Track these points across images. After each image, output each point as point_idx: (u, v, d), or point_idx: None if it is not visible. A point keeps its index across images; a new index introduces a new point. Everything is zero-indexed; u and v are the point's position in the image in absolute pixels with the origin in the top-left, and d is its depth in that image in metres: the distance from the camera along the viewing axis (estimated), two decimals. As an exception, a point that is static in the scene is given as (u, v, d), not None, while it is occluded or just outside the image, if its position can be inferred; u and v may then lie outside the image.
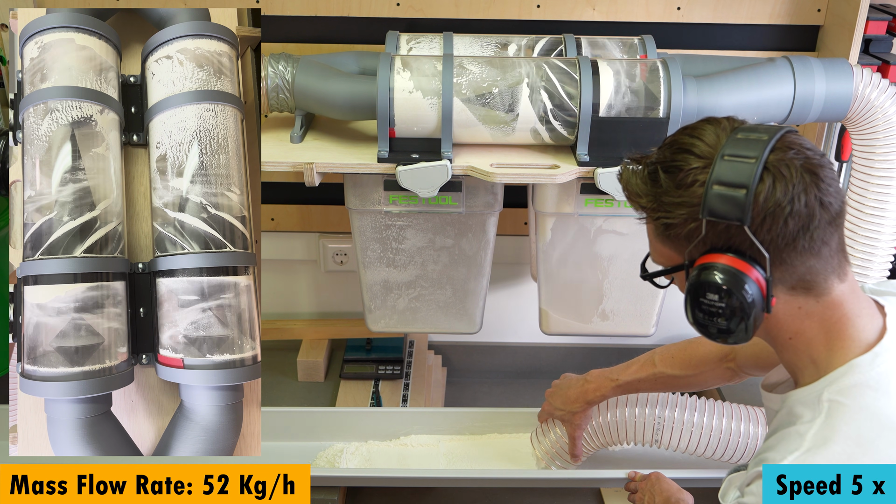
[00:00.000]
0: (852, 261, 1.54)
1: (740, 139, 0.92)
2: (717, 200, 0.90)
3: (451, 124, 1.43)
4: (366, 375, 1.93)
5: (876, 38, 1.64)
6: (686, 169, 0.93)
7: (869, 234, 1.53)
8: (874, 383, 0.92)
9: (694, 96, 1.43)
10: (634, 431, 1.49)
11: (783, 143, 0.91)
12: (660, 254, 1.01)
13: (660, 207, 0.95)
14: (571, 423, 1.49)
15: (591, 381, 1.46)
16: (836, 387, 0.94)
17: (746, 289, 0.91)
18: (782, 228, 0.90)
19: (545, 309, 1.70)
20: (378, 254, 1.64)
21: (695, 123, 0.98)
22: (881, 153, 1.48)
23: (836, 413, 0.92)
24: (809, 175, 0.90)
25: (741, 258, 0.92)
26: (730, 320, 0.93)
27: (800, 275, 0.93)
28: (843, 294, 0.95)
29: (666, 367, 1.39)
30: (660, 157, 0.97)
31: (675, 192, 0.94)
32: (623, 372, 1.44)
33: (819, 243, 0.91)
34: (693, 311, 0.95)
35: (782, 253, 0.91)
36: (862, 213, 1.53)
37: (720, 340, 0.96)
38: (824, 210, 0.90)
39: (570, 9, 1.69)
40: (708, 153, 0.93)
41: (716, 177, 0.90)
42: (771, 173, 0.89)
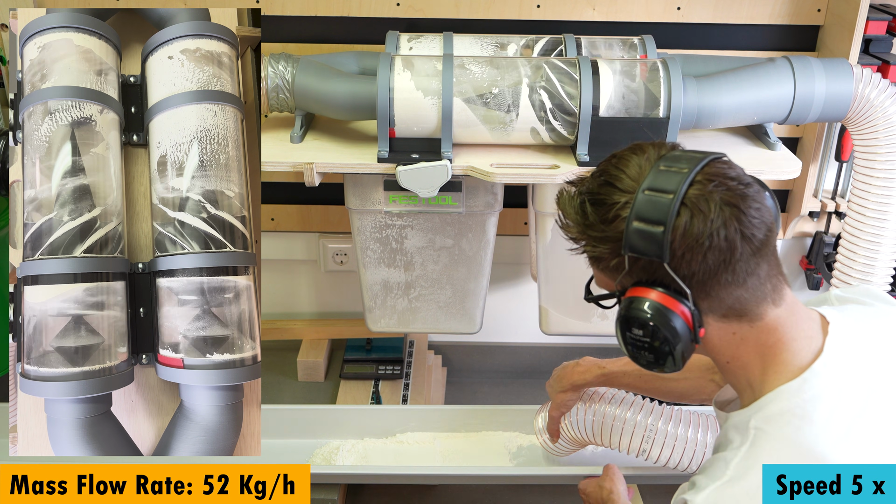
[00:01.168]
0: (855, 262, 1.55)
1: (662, 171, 0.91)
2: (637, 237, 0.90)
3: (451, 124, 1.43)
4: (366, 375, 1.93)
5: (876, 38, 1.64)
6: (609, 203, 0.93)
7: (872, 235, 1.52)
8: (800, 411, 0.91)
9: (694, 96, 1.43)
10: (620, 437, 1.44)
11: (704, 176, 0.90)
12: (598, 279, 1.02)
13: (588, 241, 0.96)
14: (553, 402, 1.49)
15: (581, 365, 1.45)
16: (763, 414, 0.93)
17: (672, 323, 0.91)
18: (702, 263, 0.89)
19: (545, 309, 1.70)
20: (378, 254, 1.64)
21: (622, 151, 0.97)
22: (882, 153, 1.48)
23: (759, 442, 0.92)
24: (730, 208, 0.89)
25: (667, 292, 0.91)
26: (658, 353, 0.93)
27: (728, 305, 0.93)
28: (779, 318, 0.94)
29: None
30: (589, 187, 0.97)
31: (599, 226, 0.94)
32: (612, 362, 1.43)
33: (743, 275, 0.91)
34: (624, 343, 0.96)
35: (706, 286, 0.91)
36: (864, 214, 1.52)
37: (654, 370, 0.96)
38: (746, 242, 0.89)
39: (570, 9, 1.69)
40: (630, 187, 0.92)
41: (636, 212, 0.90)
42: (688, 209, 0.89)
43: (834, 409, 0.92)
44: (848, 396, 0.93)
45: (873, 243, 1.52)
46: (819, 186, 1.78)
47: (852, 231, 1.54)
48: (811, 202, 1.80)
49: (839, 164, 1.76)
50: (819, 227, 1.87)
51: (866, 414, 0.93)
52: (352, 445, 1.64)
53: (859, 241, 1.54)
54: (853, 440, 0.92)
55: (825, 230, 1.84)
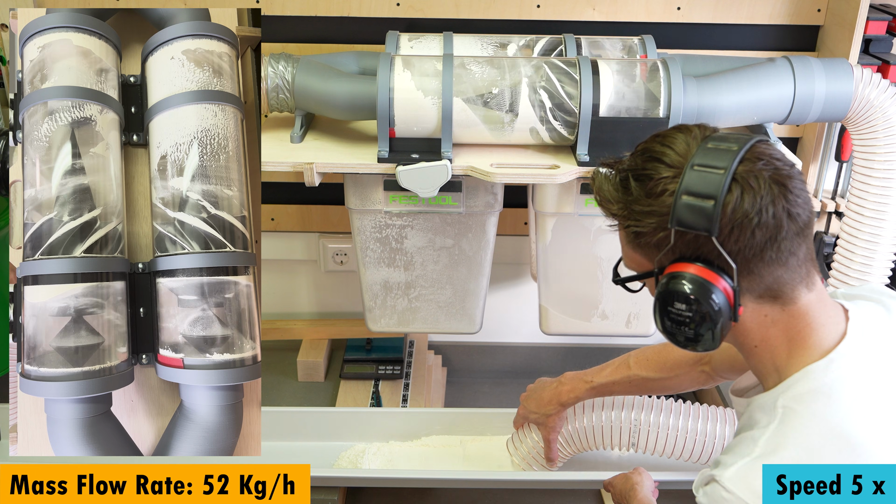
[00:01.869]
0: (853, 262, 1.55)
1: (710, 149, 0.92)
2: (686, 211, 0.91)
3: (451, 124, 1.43)
4: (366, 375, 1.93)
5: (876, 38, 1.64)
6: (656, 178, 0.94)
7: (870, 235, 1.52)
8: (827, 389, 0.92)
9: (694, 96, 1.43)
10: (611, 436, 1.48)
11: (752, 154, 0.92)
12: (631, 259, 1.02)
13: (630, 216, 0.96)
14: (546, 426, 1.48)
15: (565, 383, 1.45)
16: (791, 393, 0.94)
17: (714, 298, 0.91)
18: (750, 239, 0.90)
19: (545, 309, 1.70)
20: (378, 254, 1.64)
21: (666, 131, 0.98)
22: (881, 153, 1.48)
23: (788, 420, 0.93)
24: (778, 186, 0.90)
25: (709, 268, 0.92)
26: (697, 329, 0.94)
27: (767, 284, 0.94)
28: (810, 303, 0.96)
29: (641, 370, 1.39)
30: (631, 164, 0.97)
31: (644, 200, 0.94)
32: (598, 374, 1.43)
33: (787, 254, 0.92)
34: (662, 319, 0.96)
35: (750, 263, 0.92)
36: (862, 214, 1.52)
37: (689, 348, 0.97)
38: (792, 221, 0.91)
39: (570, 9, 1.69)
40: (678, 162, 0.93)
41: (685, 187, 0.91)
42: (739, 184, 0.90)
43: (860, 390, 0.93)
44: (872, 379, 0.94)
45: (871, 243, 1.53)
46: (819, 186, 1.78)
47: (850, 231, 1.55)
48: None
49: (839, 164, 1.76)
50: (819, 227, 1.87)
51: (890, 396, 0.94)
52: (377, 448, 1.63)
53: (857, 241, 1.54)
54: (880, 420, 0.92)
55: (825, 230, 1.84)
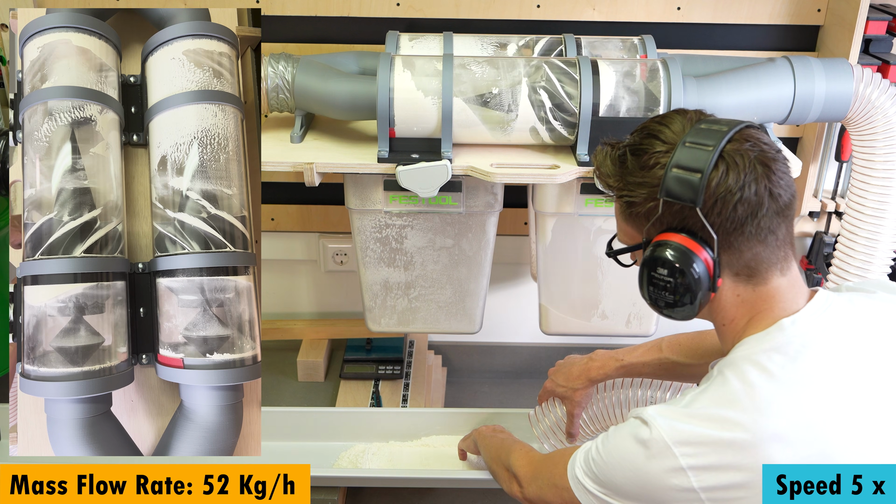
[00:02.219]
0: (853, 260, 1.55)
1: (702, 129, 0.99)
2: (674, 182, 0.97)
3: (451, 124, 1.43)
4: (366, 375, 1.93)
5: (876, 38, 1.64)
6: (651, 152, 1.01)
7: (869, 234, 1.52)
8: (755, 357, 0.97)
9: (694, 96, 1.43)
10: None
11: (741, 136, 0.98)
12: (624, 232, 1.09)
13: (624, 186, 1.04)
14: (572, 401, 1.48)
15: (596, 360, 1.46)
16: (726, 360, 1.00)
17: (695, 266, 0.97)
18: (731, 213, 0.96)
19: (545, 308, 1.70)
20: (378, 254, 1.64)
21: (666, 113, 1.06)
22: (881, 153, 1.48)
23: (715, 380, 0.98)
24: (762, 166, 0.96)
25: (693, 238, 0.98)
26: (676, 294, 1.00)
27: (745, 260, 0.99)
28: (780, 287, 1.00)
29: (672, 354, 1.40)
30: (630, 141, 1.05)
31: (638, 172, 1.02)
32: (629, 353, 1.44)
33: (765, 231, 0.97)
34: (646, 284, 1.03)
35: (730, 237, 0.97)
36: (862, 213, 1.52)
37: (667, 314, 1.04)
38: (773, 200, 0.97)
39: (570, 9, 1.69)
40: (672, 139, 1.01)
41: (675, 161, 0.98)
42: (725, 161, 0.96)
43: (790, 361, 0.96)
44: (810, 356, 0.96)
45: (870, 241, 1.53)
46: (819, 186, 1.78)
47: (850, 229, 1.55)
48: (811, 202, 1.80)
49: (839, 164, 1.76)
50: (819, 227, 1.87)
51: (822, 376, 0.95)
52: (377, 448, 1.63)
53: (857, 240, 1.54)
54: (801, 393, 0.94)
55: (825, 230, 1.84)
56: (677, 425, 0.95)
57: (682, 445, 0.94)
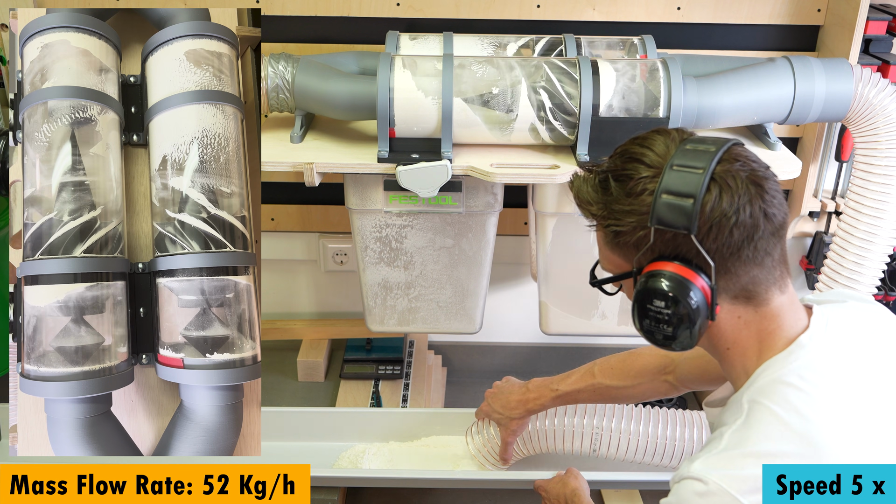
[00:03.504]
0: (845, 261, 1.55)
1: (689, 150, 0.94)
2: (666, 209, 0.92)
3: (451, 124, 1.43)
4: (366, 375, 1.93)
5: (876, 38, 1.64)
6: (636, 178, 0.95)
7: (865, 234, 1.52)
8: (788, 378, 0.94)
9: (694, 96, 1.43)
10: (573, 441, 1.49)
11: (730, 155, 0.94)
12: (609, 261, 1.03)
13: (610, 215, 0.97)
14: (507, 429, 1.50)
15: (532, 391, 1.47)
16: (754, 388, 0.96)
17: (692, 296, 0.93)
18: (727, 238, 0.92)
19: (545, 306, 1.70)
20: (378, 254, 1.64)
21: (645, 134, 0.99)
22: (882, 153, 1.48)
23: (753, 412, 0.94)
24: (754, 186, 0.92)
25: (687, 266, 0.93)
26: (675, 327, 0.95)
27: (742, 284, 0.95)
28: (782, 305, 0.97)
29: (605, 378, 1.41)
30: (610, 165, 0.99)
31: (625, 200, 0.96)
32: (563, 382, 1.45)
33: (762, 253, 0.94)
34: (640, 317, 0.97)
35: (727, 262, 0.93)
36: (860, 212, 1.52)
37: (666, 347, 0.97)
38: (768, 221, 0.93)
39: (570, 9, 1.69)
40: (657, 163, 0.95)
41: (664, 186, 0.92)
42: (717, 184, 0.91)
43: (821, 377, 0.94)
44: (833, 367, 0.95)
45: (865, 241, 1.53)
46: (819, 186, 1.78)
47: (846, 228, 1.55)
48: (811, 202, 1.80)
49: (839, 164, 1.76)
50: (819, 227, 1.87)
51: (851, 384, 0.95)
52: (377, 448, 1.63)
53: (852, 239, 1.54)
54: (839, 407, 0.93)
55: (825, 230, 1.84)
56: (733, 472, 0.90)
57: (747, 494, 0.89)
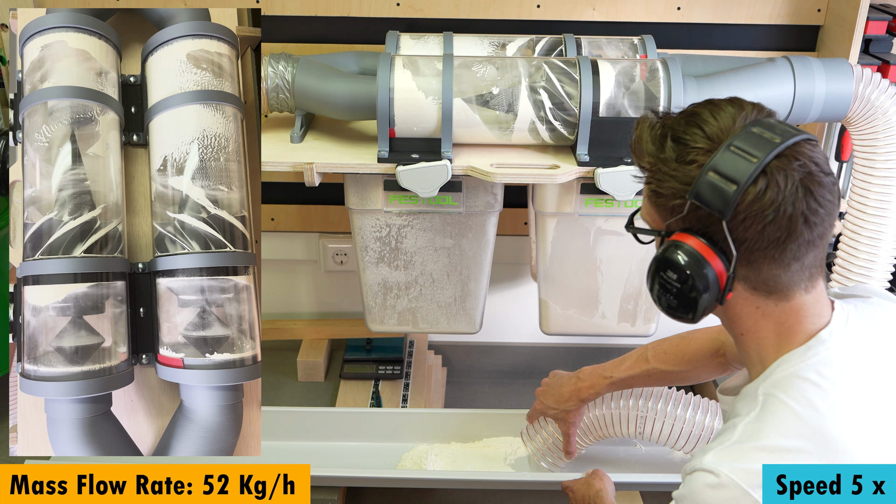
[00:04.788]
0: (855, 260, 1.55)
1: (754, 133, 0.90)
2: (707, 188, 0.89)
3: (451, 124, 1.43)
4: (366, 375, 1.93)
5: (876, 38, 1.64)
6: (691, 146, 0.92)
7: (872, 234, 1.52)
8: (805, 374, 0.93)
9: (694, 96, 1.43)
10: (622, 424, 1.49)
11: (792, 151, 0.89)
12: (647, 212, 1.01)
13: (656, 174, 0.95)
14: (566, 422, 1.49)
15: (584, 379, 1.45)
16: (771, 380, 0.94)
17: (705, 276, 0.91)
18: (759, 233, 0.89)
19: (545, 308, 1.70)
20: (378, 254, 1.64)
21: (721, 100, 0.96)
22: (882, 153, 1.48)
23: (768, 405, 0.92)
24: (804, 190, 0.88)
25: (711, 246, 0.91)
26: (680, 300, 0.94)
27: (763, 279, 0.93)
28: (806, 303, 0.95)
29: (659, 363, 1.39)
30: (675, 122, 0.95)
31: (673, 164, 0.93)
32: (616, 368, 1.43)
33: (790, 258, 0.91)
34: (652, 280, 0.96)
35: (752, 255, 0.91)
36: (864, 213, 1.52)
37: (669, 315, 0.97)
38: (807, 228, 0.89)
39: (570, 9, 1.69)
40: (717, 136, 0.92)
41: (714, 164, 0.89)
42: (766, 178, 0.88)
43: (839, 374, 0.93)
44: (852, 364, 0.94)
45: (873, 241, 1.53)
46: (819, 186, 1.78)
47: (852, 230, 1.55)
48: (811, 202, 1.79)
49: (839, 164, 1.76)
50: (819, 227, 1.86)
51: (870, 383, 0.94)
52: (440, 449, 1.62)
53: (859, 240, 1.54)
54: (856, 406, 0.92)
55: (825, 230, 1.84)
56: (745, 466, 0.89)
57: (758, 488, 0.89)
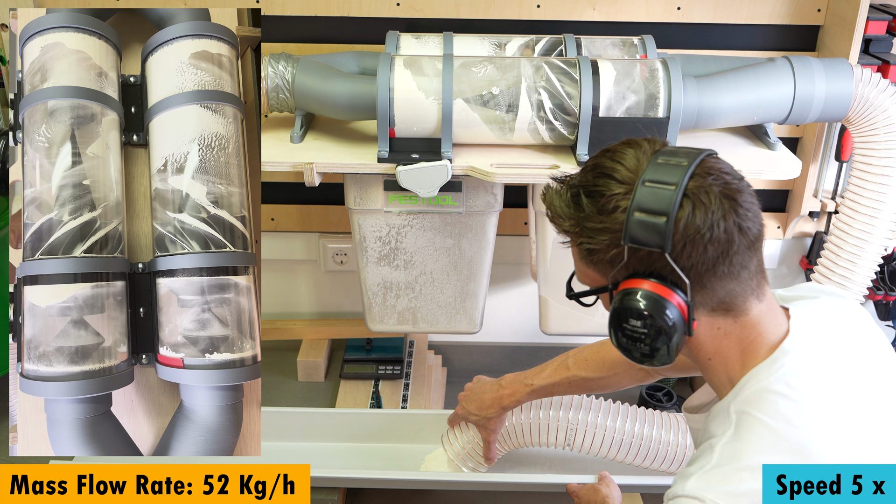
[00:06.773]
0: (839, 258, 1.55)
1: (660, 164, 0.92)
2: (639, 227, 0.90)
3: (451, 124, 1.43)
4: (366, 375, 1.93)
5: (876, 38, 1.64)
6: (608, 195, 0.93)
7: (860, 233, 1.53)
8: (774, 387, 0.93)
9: (694, 96, 1.43)
10: (548, 434, 1.50)
11: (702, 169, 0.92)
12: (584, 275, 1.01)
13: (582, 232, 0.95)
14: (486, 429, 1.49)
15: (506, 387, 1.46)
16: (741, 398, 0.95)
17: (668, 314, 0.91)
18: (702, 254, 0.90)
19: (545, 308, 1.70)
20: (378, 254, 1.64)
21: (615, 146, 0.98)
22: (881, 153, 1.48)
23: (742, 423, 0.93)
24: (728, 201, 0.90)
25: (663, 283, 0.92)
26: (653, 344, 0.93)
27: (720, 298, 0.94)
28: (761, 313, 0.96)
29: (580, 370, 1.39)
30: (582, 180, 0.97)
31: (597, 217, 0.94)
32: (537, 376, 1.44)
33: (738, 267, 0.92)
34: (616, 335, 0.96)
35: (703, 278, 0.92)
36: (856, 210, 1.53)
37: (645, 363, 0.96)
38: (743, 235, 0.91)
39: (570, 9, 1.69)
40: (629, 178, 0.93)
41: (637, 203, 0.91)
42: (690, 200, 0.90)
43: (806, 383, 0.93)
44: (817, 371, 0.95)
45: (860, 240, 1.53)
46: (819, 186, 1.78)
47: (841, 227, 1.55)
48: (811, 202, 1.80)
49: (839, 164, 1.76)
50: (819, 227, 1.87)
51: (836, 388, 0.95)
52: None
53: (846, 237, 1.54)
54: (828, 413, 0.93)
55: (825, 230, 1.84)
56: (730, 489, 0.90)
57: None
